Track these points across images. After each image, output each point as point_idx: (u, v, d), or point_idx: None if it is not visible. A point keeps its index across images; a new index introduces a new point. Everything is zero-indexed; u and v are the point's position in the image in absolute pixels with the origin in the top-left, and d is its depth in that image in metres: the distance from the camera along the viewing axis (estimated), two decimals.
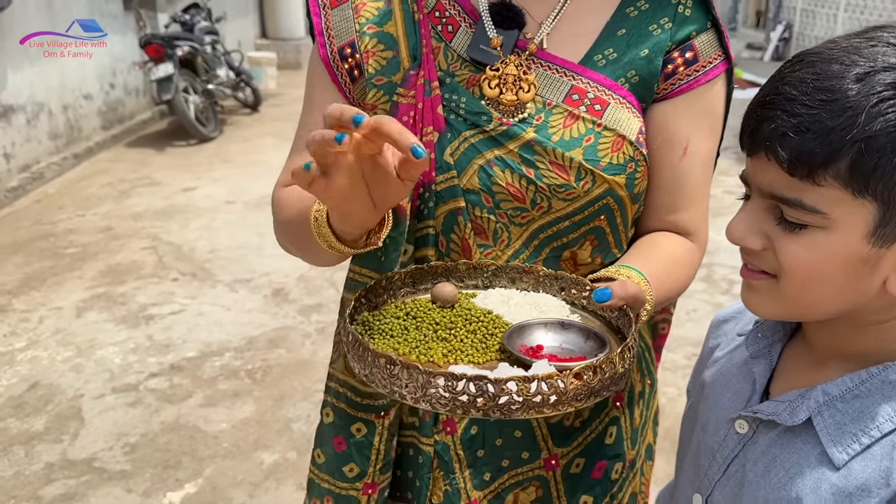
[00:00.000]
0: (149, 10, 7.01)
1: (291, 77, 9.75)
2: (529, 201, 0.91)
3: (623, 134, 0.90)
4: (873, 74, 0.59)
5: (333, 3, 0.97)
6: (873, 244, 0.63)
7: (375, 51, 0.94)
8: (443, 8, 0.94)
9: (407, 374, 0.69)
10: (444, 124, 0.91)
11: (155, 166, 5.86)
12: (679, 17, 0.93)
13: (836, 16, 10.48)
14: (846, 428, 0.68)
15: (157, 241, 4.39)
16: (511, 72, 0.91)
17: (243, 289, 3.81)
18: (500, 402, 0.67)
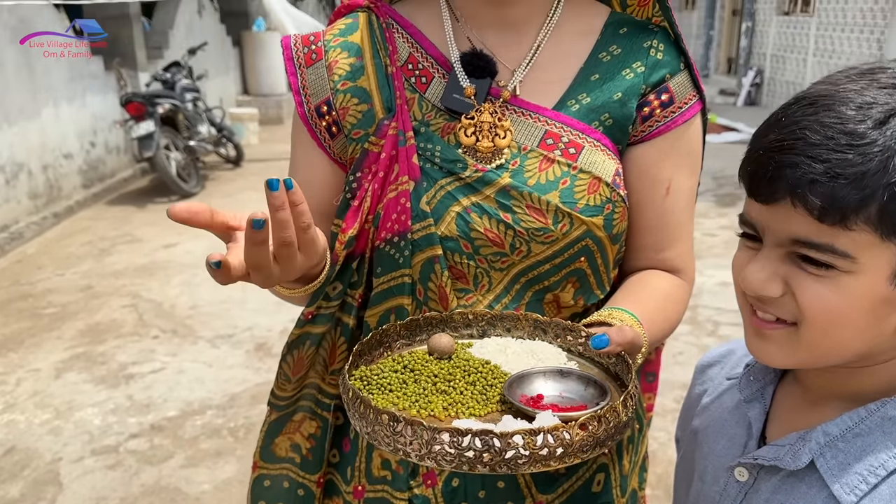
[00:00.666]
0: (129, 70, 7.07)
1: (273, 132, 9.83)
2: (508, 246, 0.91)
3: (599, 176, 0.91)
4: (890, 118, 0.60)
5: (308, 62, 0.98)
6: (894, 285, 0.63)
7: (350, 105, 0.96)
8: (415, 60, 0.95)
9: (411, 430, 0.67)
10: (420, 173, 0.92)
11: (136, 223, 5.84)
12: (651, 60, 0.94)
13: (805, 60, 10.75)
14: (851, 468, 0.66)
15: (137, 299, 4.34)
16: (486, 119, 0.92)
17: (225, 344, 3.76)
18: (506, 457, 0.66)
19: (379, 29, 0.98)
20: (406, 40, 0.97)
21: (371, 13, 0.99)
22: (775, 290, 0.66)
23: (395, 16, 0.98)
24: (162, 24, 8.24)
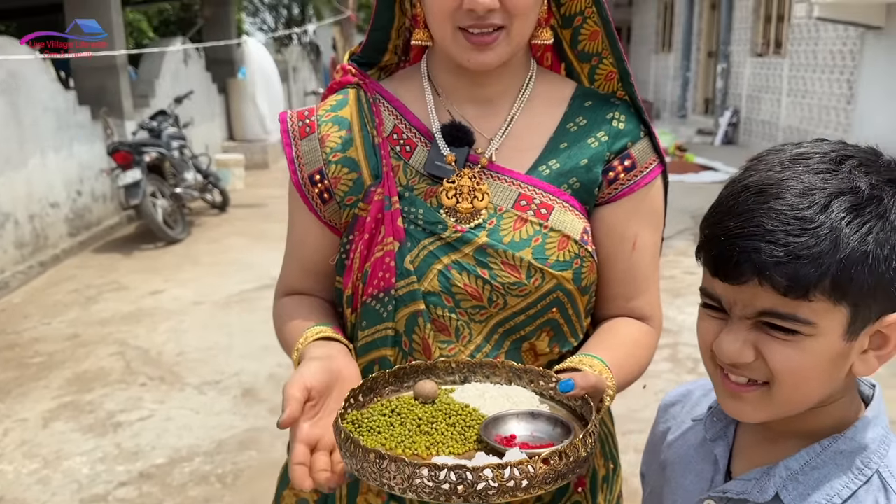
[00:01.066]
0: (116, 118, 7.16)
1: (259, 176, 9.93)
2: (486, 299, 0.99)
3: (568, 234, 1.00)
4: (830, 202, 0.69)
5: (302, 135, 1.08)
6: (847, 340, 0.73)
7: (341, 175, 1.05)
8: (400, 131, 1.05)
9: (395, 466, 0.75)
10: (404, 234, 1.00)
11: (122, 271, 5.87)
12: (614, 130, 1.04)
13: (779, 100, 11.02)
14: (811, 498, 0.75)
15: (124, 347, 4.37)
16: (466, 183, 1.01)
17: (212, 391, 3.79)
18: (478, 489, 0.74)
19: (367, 103, 1.07)
20: (391, 113, 1.06)
21: (360, 89, 1.09)
22: (749, 356, 0.74)
23: (382, 91, 1.08)
24: (148, 74, 8.38)
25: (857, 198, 0.70)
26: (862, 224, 0.69)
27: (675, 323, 4.38)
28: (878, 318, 0.73)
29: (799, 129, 10.54)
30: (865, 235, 0.69)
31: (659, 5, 16.42)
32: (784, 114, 10.90)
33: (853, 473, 0.76)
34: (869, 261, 0.69)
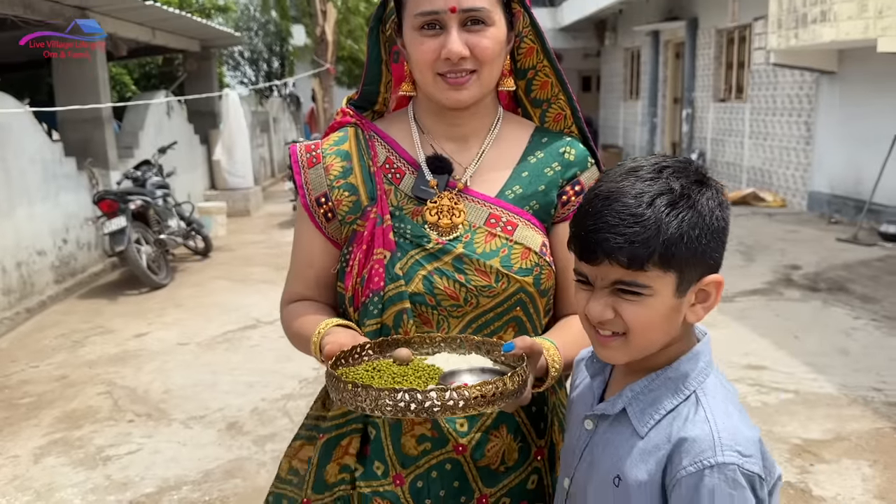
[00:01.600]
0: (101, 169, 7.37)
1: (240, 224, 10.13)
2: (462, 299, 1.20)
3: (529, 247, 1.21)
4: (654, 200, 0.96)
5: (310, 165, 1.29)
6: (677, 297, 0.99)
7: (343, 198, 1.26)
8: (391, 162, 1.27)
9: (365, 392, 0.98)
10: (395, 246, 1.20)
11: (108, 315, 6.02)
12: (565, 161, 1.28)
13: (742, 142, 11.47)
14: (646, 412, 1.02)
15: (111, 386, 4.51)
16: (446, 203, 1.22)
17: (198, 425, 3.94)
18: (425, 406, 0.96)
19: (364, 139, 1.29)
20: (384, 147, 1.28)
21: (357, 128, 1.31)
22: (609, 314, 1.00)
23: (376, 129, 1.30)
24: (132, 126, 8.62)
25: (672, 196, 0.96)
26: (677, 214, 0.95)
27: None
28: (699, 280, 1.00)
29: (761, 170, 10.96)
30: (680, 222, 0.95)
31: (626, 55, 17.01)
32: (747, 155, 11.34)
33: (677, 394, 1.02)
34: (684, 240, 0.95)
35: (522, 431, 1.26)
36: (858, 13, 6.90)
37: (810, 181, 9.69)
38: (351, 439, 1.27)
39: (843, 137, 8.91)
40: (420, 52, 1.17)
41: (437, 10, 1.14)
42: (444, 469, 1.23)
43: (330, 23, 11.77)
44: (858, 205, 8.40)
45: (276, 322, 5.66)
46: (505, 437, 1.24)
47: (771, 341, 4.82)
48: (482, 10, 1.15)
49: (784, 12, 8.16)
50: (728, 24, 11.54)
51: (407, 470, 1.23)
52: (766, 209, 10.06)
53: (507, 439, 1.24)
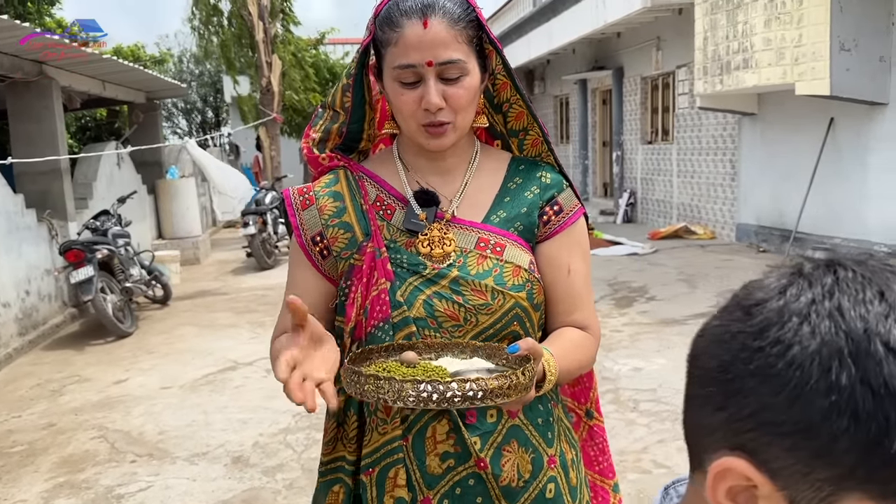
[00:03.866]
0: (60, 220, 7.36)
1: (192, 272, 10.13)
2: (462, 319, 1.25)
3: (519, 265, 1.27)
4: None
5: (304, 206, 1.35)
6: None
7: (338, 236, 1.32)
8: (382, 199, 1.33)
9: (388, 384, 1.02)
10: (394, 276, 1.26)
11: (79, 364, 6.00)
12: (543, 185, 1.35)
13: (670, 181, 12.19)
14: None
15: (104, 431, 4.55)
16: (436, 234, 1.28)
17: (202, 461, 4.04)
18: (447, 396, 0.99)
19: (354, 180, 1.35)
20: (374, 186, 1.34)
21: (347, 170, 1.38)
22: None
23: (364, 170, 1.37)
24: (85, 177, 8.61)
25: None
26: None
27: (613, 372, 4.96)
28: None
29: (690, 205, 11.67)
30: None
31: (555, 102, 17.82)
32: (676, 193, 12.05)
33: None
34: None
35: (533, 443, 1.29)
36: (777, 60, 7.62)
37: (737, 214, 10.40)
38: (397, 470, 1.27)
39: (765, 173, 9.65)
40: (401, 102, 1.24)
41: (415, 64, 1.20)
42: (467, 485, 1.26)
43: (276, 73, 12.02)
44: (784, 234, 9.09)
45: (255, 363, 5.78)
46: (517, 450, 1.27)
47: None
48: (458, 62, 1.21)
49: (709, 60, 8.88)
50: (652, 72, 12.33)
51: (433, 491, 1.26)
52: (697, 241, 10.71)
53: (520, 452, 1.28)
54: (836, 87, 7.21)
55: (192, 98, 18.28)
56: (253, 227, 9.69)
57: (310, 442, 4.16)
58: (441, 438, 1.25)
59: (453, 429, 1.25)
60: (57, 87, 7.53)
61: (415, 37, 1.20)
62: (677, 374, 4.93)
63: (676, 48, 11.21)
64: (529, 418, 1.29)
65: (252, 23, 12.69)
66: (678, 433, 3.99)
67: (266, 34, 12.68)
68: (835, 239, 8.29)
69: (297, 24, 14.71)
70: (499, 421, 1.27)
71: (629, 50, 13.02)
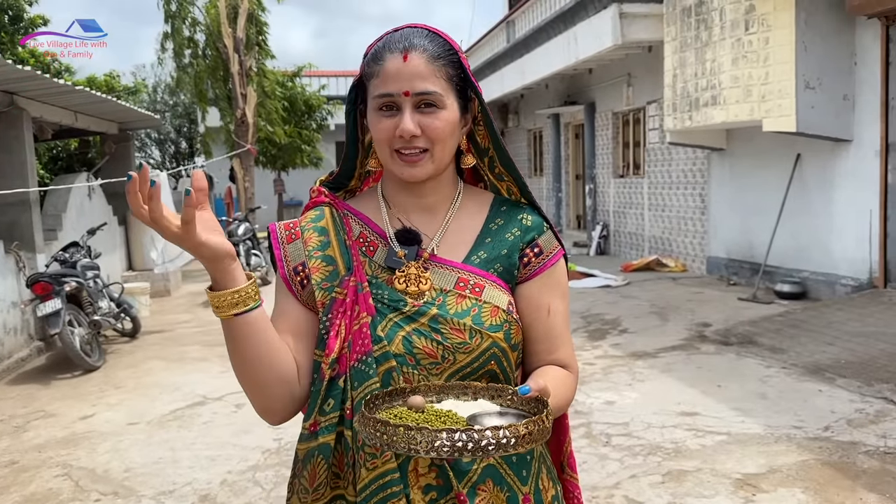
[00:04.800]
0: (28, 252, 7.25)
1: (162, 304, 10.01)
2: (440, 357, 1.25)
3: (497, 305, 1.28)
4: None
5: (289, 240, 1.37)
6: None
7: (320, 267, 1.33)
8: (365, 236, 1.35)
9: (420, 434, 0.99)
10: (375, 311, 1.27)
11: (45, 399, 5.87)
12: (524, 227, 1.36)
13: (642, 214, 12.34)
14: None
15: (67, 468, 4.44)
16: (412, 272, 1.29)
17: (169, 500, 3.95)
18: (482, 444, 0.98)
19: (338, 217, 1.37)
20: (357, 223, 1.36)
21: (332, 207, 1.40)
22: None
23: (349, 208, 1.39)
24: (55, 208, 8.51)
25: None
26: None
27: (585, 405, 4.96)
28: None
29: (662, 238, 11.81)
30: None
31: (529, 135, 18.03)
32: (648, 225, 12.20)
33: None
34: None
35: (507, 482, 1.28)
36: (744, 97, 7.79)
37: (708, 247, 10.54)
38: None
39: (735, 207, 9.81)
40: (378, 130, 1.28)
41: (392, 93, 1.25)
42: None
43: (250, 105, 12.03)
44: (753, 267, 9.22)
45: (224, 398, 5.70)
46: (492, 489, 1.26)
47: (698, 390, 5.27)
48: (434, 94, 1.25)
49: (678, 97, 9.06)
50: (623, 108, 12.55)
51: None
52: (669, 274, 10.82)
53: (495, 491, 1.26)
54: (802, 124, 7.39)
55: (166, 129, 18.21)
56: None
57: (279, 479, 4.10)
58: (423, 471, 1.24)
59: (434, 462, 1.23)
60: (28, 117, 7.48)
61: (394, 68, 1.25)
62: (649, 408, 4.96)
63: (647, 84, 11.43)
64: (504, 457, 1.27)
65: (227, 55, 12.73)
66: (650, 468, 4.00)
67: (241, 66, 12.73)
68: (803, 272, 8.43)
69: (272, 58, 14.80)
70: (473, 461, 1.25)
71: (601, 86, 13.24)
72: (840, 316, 6.90)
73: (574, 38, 11.63)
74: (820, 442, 4.22)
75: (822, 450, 4.10)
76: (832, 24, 7.43)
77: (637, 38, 10.31)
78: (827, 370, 5.50)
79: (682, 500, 3.60)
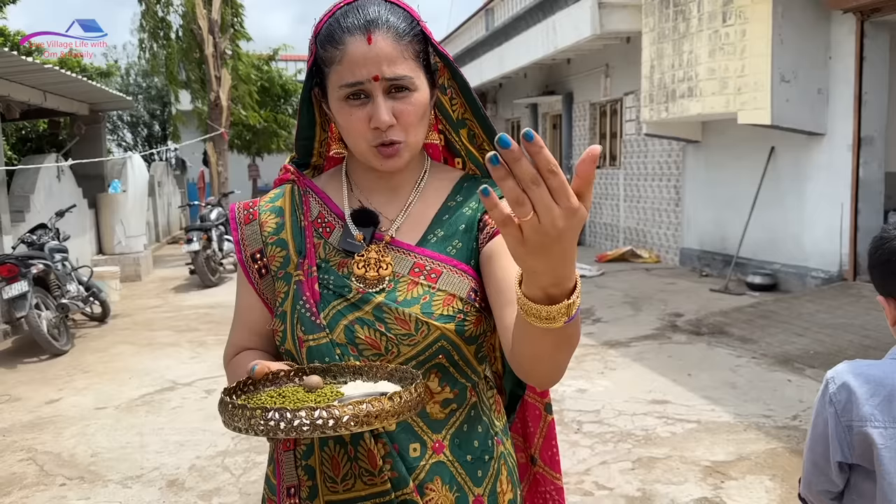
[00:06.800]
0: None
1: (133, 289, 9.87)
2: (384, 348, 1.18)
3: (454, 293, 1.19)
4: None
5: (246, 221, 1.31)
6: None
7: (275, 254, 1.28)
8: (323, 216, 1.28)
9: (241, 412, 0.95)
10: (320, 297, 1.20)
11: (10, 383, 5.76)
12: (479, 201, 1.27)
13: (618, 205, 12.39)
14: None
15: (32, 452, 4.36)
16: (373, 256, 1.22)
17: (136, 484, 3.90)
18: (294, 425, 0.93)
19: (299, 195, 1.30)
20: (317, 202, 1.29)
21: (294, 185, 1.33)
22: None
23: (312, 185, 1.32)
24: (22, 189, 8.34)
25: None
26: None
27: (557, 393, 4.97)
28: None
29: (636, 229, 11.87)
30: None
31: (507, 125, 18.01)
32: (623, 216, 12.26)
33: None
34: None
35: (458, 482, 1.22)
36: (720, 90, 7.83)
37: (681, 239, 10.62)
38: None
39: (708, 199, 9.88)
40: (349, 121, 1.18)
41: (362, 81, 1.15)
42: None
43: (224, 88, 11.87)
44: (726, 259, 9.30)
45: (194, 383, 5.64)
46: (440, 489, 1.21)
47: (669, 379, 5.31)
48: (405, 78, 1.16)
49: (655, 88, 9.08)
50: (601, 99, 12.57)
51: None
52: (643, 265, 10.89)
53: (444, 491, 1.21)
54: (777, 117, 7.44)
55: (139, 111, 17.93)
56: (197, 243, 9.52)
57: (248, 465, 4.06)
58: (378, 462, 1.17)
59: (388, 454, 1.18)
60: None
61: (359, 53, 1.14)
62: (620, 396, 4.98)
63: (624, 76, 11.45)
64: (457, 455, 1.22)
65: (202, 37, 12.54)
66: (620, 455, 4.02)
67: (216, 49, 12.55)
68: (774, 265, 8.52)
69: (248, 40, 14.60)
70: (422, 456, 1.20)
71: (579, 76, 13.25)
72: (810, 307, 6.99)
73: (553, 28, 11.61)
74: (788, 430, 4.27)
75: (790, 438, 4.15)
76: (808, 18, 7.48)
77: (615, 29, 10.31)
78: (796, 360, 5.56)
79: (652, 486, 3.63)
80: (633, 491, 3.59)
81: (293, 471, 1.24)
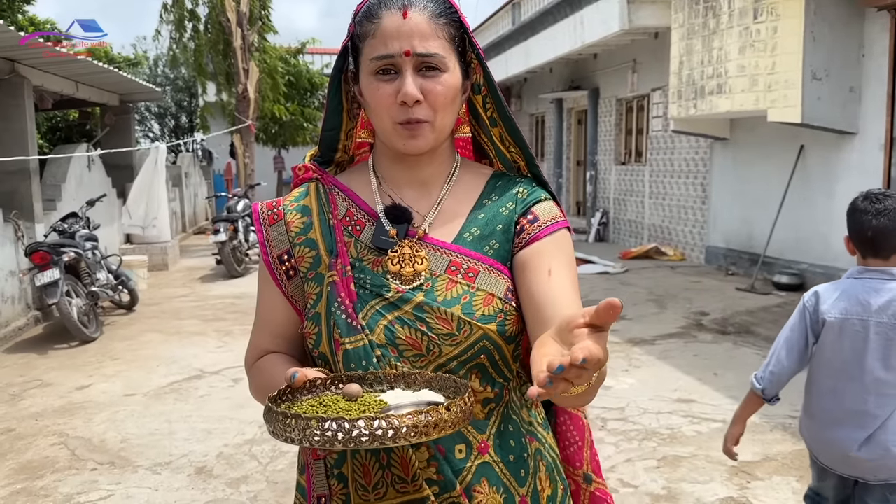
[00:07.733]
0: (26, 221, 7.22)
1: (160, 278, 10.00)
2: (425, 348, 1.15)
3: (492, 293, 1.17)
4: None
5: (271, 222, 1.28)
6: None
7: (304, 255, 1.25)
8: (351, 214, 1.25)
9: (294, 421, 0.93)
10: (356, 297, 1.18)
11: (42, 369, 5.87)
12: (519, 200, 1.26)
13: (642, 202, 12.32)
14: None
15: (64, 437, 4.45)
16: (407, 251, 1.19)
17: (165, 470, 3.97)
18: (353, 436, 0.90)
19: (324, 193, 1.28)
20: (344, 200, 1.26)
21: (318, 182, 1.30)
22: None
23: (337, 183, 1.29)
24: (54, 178, 8.47)
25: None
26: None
27: None
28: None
29: (661, 227, 11.80)
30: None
31: (531, 120, 17.96)
32: (648, 213, 12.19)
33: None
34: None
35: (504, 482, 1.21)
36: (750, 87, 7.75)
37: (707, 237, 10.54)
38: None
39: (735, 197, 9.79)
40: (377, 96, 1.17)
41: (392, 54, 1.14)
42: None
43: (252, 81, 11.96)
44: (752, 258, 9.22)
45: (221, 372, 5.71)
46: (488, 491, 1.19)
47: (694, 378, 5.29)
48: (436, 56, 1.15)
49: (683, 85, 9.01)
50: (627, 94, 12.49)
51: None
52: (668, 262, 10.82)
53: (491, 492, 1.19)
54: (808, 116, 7.36)
55: (167, 102, 18.11)
56: (224, 234, 9.61)
57: (276, 454, 4.11)
58: (422, 466, 1.16)
59: (433, 457, 1.17)
60: (29, 85, 7.42)
61: (393, 26, 1.15)
62: (645, 394, 4.97)
63: (652, 71, 11.37)
64: (500, 455, 1.21)
65: (230, 29, 12.63)
66: (645, 453, 4.01)
67: (244, 41, 12.63)
68: (802, 264, 8.43)
69: (275, 33, 14.68)
70: (468, 458, 1.18)
71: (605, 71, 13.17)
72: None
73: (580, 23, 11.55)
74: None
75: None
76: (841, 14, 7.38)
77: (644, 24, 10.24)
78: None
79: (677, 485, 3.62)
80: (659, 489, 3.59)
81: (323, 480, 1.23)
